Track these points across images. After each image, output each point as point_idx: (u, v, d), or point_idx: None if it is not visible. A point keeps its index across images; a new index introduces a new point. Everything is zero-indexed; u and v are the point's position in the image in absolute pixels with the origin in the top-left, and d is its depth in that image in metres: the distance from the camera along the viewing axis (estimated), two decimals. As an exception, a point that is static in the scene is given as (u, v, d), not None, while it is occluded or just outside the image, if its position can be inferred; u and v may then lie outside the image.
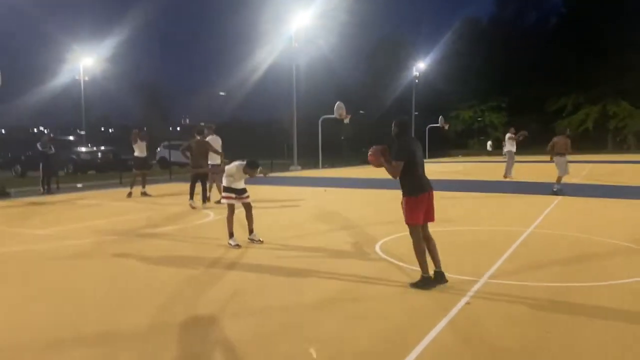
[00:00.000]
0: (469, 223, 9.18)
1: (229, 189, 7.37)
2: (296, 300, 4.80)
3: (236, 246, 7.17)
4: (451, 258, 6.27)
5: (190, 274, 5.79)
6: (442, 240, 7.51)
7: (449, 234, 8.06)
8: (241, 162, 7.34)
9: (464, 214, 10.45)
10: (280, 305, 4.68)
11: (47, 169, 15.40)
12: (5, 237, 8.47)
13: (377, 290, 5.11)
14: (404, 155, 4.99)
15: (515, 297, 4.80)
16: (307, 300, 4.82)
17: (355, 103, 37.66)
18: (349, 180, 20.50)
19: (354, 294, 5.03)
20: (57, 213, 11.40)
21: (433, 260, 5.18)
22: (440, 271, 5.14)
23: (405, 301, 4.76)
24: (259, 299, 4.89)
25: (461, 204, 12.10)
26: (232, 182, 7.37)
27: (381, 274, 5.64)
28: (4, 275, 5.99)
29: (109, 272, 6.00)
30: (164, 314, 4.46)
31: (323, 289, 5.14)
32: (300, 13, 28.79)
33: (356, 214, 10.59)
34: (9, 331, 4.13)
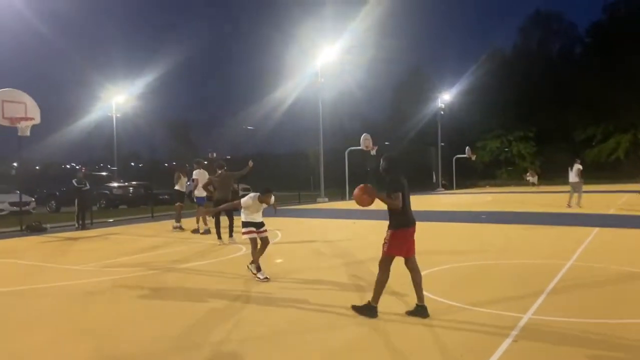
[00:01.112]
0: (507, 256, 8.99)
1: (249, 223, 7.46)
2: (324, 337, 4.73)
3: (265, 279, 7.19)
4: (493, 292, 6.16)
5: (221, 309, 5.78)
6: (481, 274, 7.43)
7: (488, 267, 7.92)
8: (255, 193, 7.47)
9: (501, 246, 10.25)
10: (317, 344, 4.61)
11: (82, 204, 15.73)
12: (42, 272, 8.61)
13: (416, 328, 5.00)
14: (399, 187, 5.09)
15: (563, 334, 4.65)
16: (338, 337, 4.74)
17: (380, 134, 37.74)
18: (377, 212, 20.36)
19: (390, 331, 4.92)
20: (92, 248, 11.58)
21: (417, 293, 5.24)
22: (423, 305, 5.19)
23: (448, 338, 4.64)
24: (297, 336, 4.83)
25: (496, 236, 11.90)
26: (249, 215, 7.44)
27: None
28: (39, 311, 6.06)
29: (140, 308, 6.03)
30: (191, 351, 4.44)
31: (356, 325, 5.05)
32: (326, 49, 29.28)
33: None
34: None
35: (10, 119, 13.30)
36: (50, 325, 5.42)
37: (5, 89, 13.54)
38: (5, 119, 13.25)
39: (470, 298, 5.91)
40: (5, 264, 9.53)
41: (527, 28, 64.15)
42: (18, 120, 13.40)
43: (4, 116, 13.22)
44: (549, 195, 21.90)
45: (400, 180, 5.18)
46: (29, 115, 13.64)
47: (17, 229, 15.10)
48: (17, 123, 13.44)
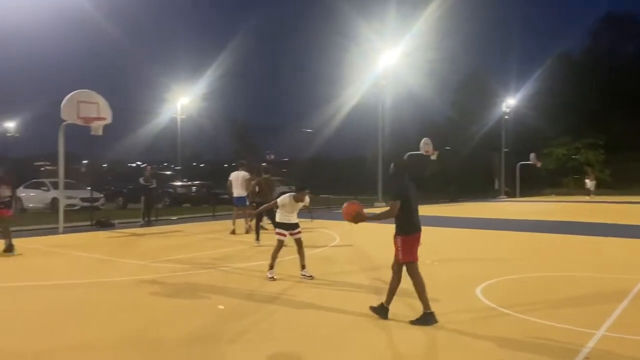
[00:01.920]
0: (575, 268, 8.58)
1: (282, 224, 7.56)
2: (376, 345, 4.65)
3: (271, 279, 7.35)
4: (562, 306, 5.89)
5: (273, 309, 5.80)
6: (549, 286, 7.10)
7: (556, 279, 7.59)
8: (291, 193, 7.56)
9: (569, 258, 9.81)
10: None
11: (148, 201, 16.31)
12: (109, 266, 8.99)
13: (482, 342, 4.83)
14: (401, 195, 5.11)
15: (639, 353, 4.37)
16: (395, 344, 4.65)
17: (441, 139, 37.01)
18: (436, 218, 19.98)
19: (451, 343, 4.78)
20: (156, 245, 11.98)
21: (388, 296, 5.28)
22: (430, 312, 5.15)
23: (515, 352, 4.46)
24: (350, 338, 4.78)
25: (563, 247, 11.40)
26: (284, 215, 7.53)
27: (484, 321, 5.36)
28: (105, 303, 6.30)
29: (193, 304, 6.15)
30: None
31: (414, 336, 4.94)
32: (388, 51, 29.06)
33: (449, 254, 10.25)
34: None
35: (84, 118, 13.96)
36: (115, 316, 5.62)
37: (80, 90, 14.24)
38: (79, 118, 13.92)
39: (538, 311, 5.67)
40: (78, 257, 10.02)
41: (598, 30, 61.14)
42: (91, 120, 14.05)
43: (79, 116, 13.90)
44: (618, 205, 20.70)
45: (403, 188, 5.19)
46: (101, 115, 14.27)
47: (87, 223, 15.84)
48: (91, 122, 14.10)
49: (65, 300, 6.43)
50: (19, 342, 4.77)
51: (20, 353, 4.48)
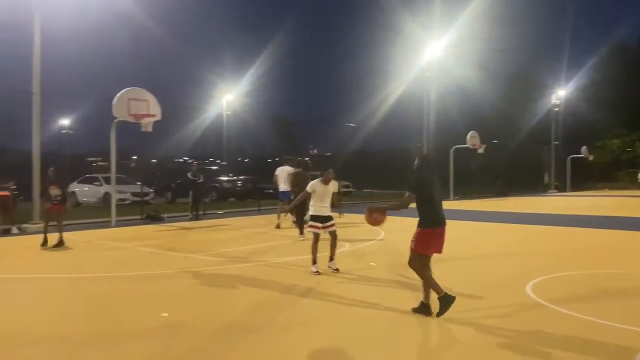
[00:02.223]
0: (628, 266, 8.25)
1: (315, 217, 7.58)
2: (420, 341, 4.59)
3: (316, 273, 7.38)
4: (619, 306, 5.68)
5: (321, 305, 5.82)
6: (604, 284, 6.85)
7: (611, 277, 7.31)
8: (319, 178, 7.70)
9: (625, 255, 9.43)
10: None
11: (196, 196, 16.68)
12: (160, 259, 9.25)
13: (530, 339, 4.71)
14: (417, 189, 5.12)
15: None
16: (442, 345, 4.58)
17: (489, 132, 36.17)
18: (485, 213, 19.58)
19: (500, 340, 4.68)
20: (204, 238, 12.23)
21: (425, 291, 5.25)
22: (427, 304, 5.21)
23: (568, 353, 4.33)
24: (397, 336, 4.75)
25: (613, 245, 10.97)
26: (317, 207, 7.57)
27: (534, 318, 5.23)
28: (156, 293, 6.49)
29: (240, 297, 6.25)
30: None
31: (459, 332, 4.86)
32: (433, 43, 28.59)
33: (496, 250, 10.04)
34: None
35: (135, 115, 14.39)
36: (165, 306, 5.79)
37: (131, 87, 14.68)
38: (130, 115, 14.37)
39: (590, 309, 5.48)
40: (130, 250, 10.36)
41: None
42: (141, 117, 14.47)
43: (130, 113, 14.34)
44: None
45: (424, 181, 5.20)
46: (151, 112, 14.68)
47: (138, 217, 16.35)
48: (141, 119, 14.52)
49: (121, 290, 6.67)
50: (81, 327, 4.97)
51: (83, 337, 4.67)
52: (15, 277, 7.65)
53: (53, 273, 7.93)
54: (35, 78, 14.32)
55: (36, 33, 14.25)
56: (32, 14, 14.27)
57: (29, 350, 4.43)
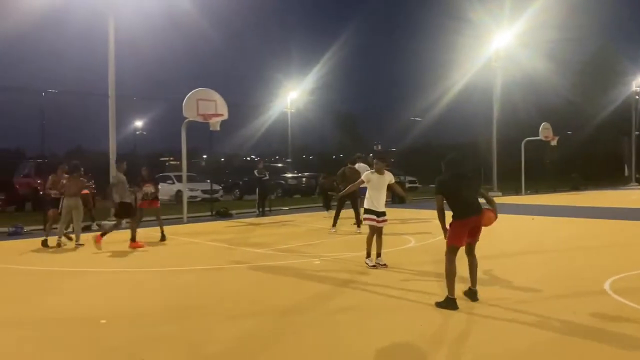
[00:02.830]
0: None
1: (371, 211, 7.53)
2: (507, 348, 4.41)
3: (373, 267, 7.41)
4: None
5: (393, 306, 5.75)
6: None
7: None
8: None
9: None
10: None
11: (262, 193, 17.01)
12: (227, 253, 9.50)
13: (610, 340, 4.44)
14: (441, 190, 5.58)
15: None
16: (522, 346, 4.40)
17: (562, 123, 34.51)
18: (559, 207, 18.72)
19: (577, 340, 4.44)
20: (270, 234, 12.44)
21: (471, 278, 5.61)
22: (474, 290, 5.60)
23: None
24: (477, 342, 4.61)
25: None
26: (372, 202, 7.51)
27: (614, 317, 4.93)
28: (217, 286, 6.66)
29: (306, 292, 6.28)
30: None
31: (534, 334, 4.64)
32: (501, 32, 27.62)
33: (572, 244, 9.57)
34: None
35: (204, 115, 14.84)
36: (232, 300, 5.93)
37: (199, 88, 15.15)
38: (199, 115, 14.83)
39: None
40: (200, 245, 10.71)
41: None
42: (210, 117, 14.90)
43: (199, 113, 14.81)
44: None
45: (444, 183, 5.59)
46: (218, 111, 15.09)
47: (208, 214, 16.87)
48: (209, 119, 14.95)
49: (201, 282, 6.92)
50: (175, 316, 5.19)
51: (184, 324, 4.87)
52: (105, 270, 8.08)
53: (138, 267, 8.28)
54: (110, 82, 15.07)
55: (110, 39, 14.99)
56: (107, 20, 15.01)
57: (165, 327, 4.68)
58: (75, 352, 4.40)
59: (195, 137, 24.51)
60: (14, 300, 6.27)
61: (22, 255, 9.61)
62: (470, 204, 5.50)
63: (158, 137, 50.90)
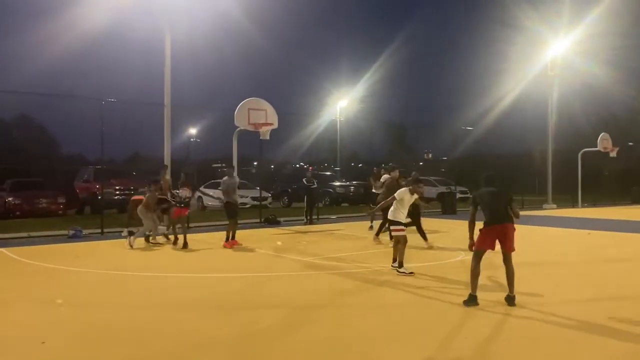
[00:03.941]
0: None
1: (397, 222, 8.06)
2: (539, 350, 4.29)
3: (410, 274, 7.74)
4: None
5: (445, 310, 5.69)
6: None
7: None
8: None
9: None
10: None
11: (310, 201, 17.13)
12: (271, 261, 9.67)
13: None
14: (474, 203, 6.37)
15: None
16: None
17: (622, 133, 33.08)
18: (618, 222, 17.92)
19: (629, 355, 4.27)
20: (317, 242, 12.51)
21: (508, 285, 6.05)
22: (512, 295, 6.02)
23: None
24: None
25: None
26: (398, 213, 8.04)
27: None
28: (261, 296, 6.76)
29: (351, 302, 6.28)
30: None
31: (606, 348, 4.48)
32: (558, 40, 26.82)
33: (635, 263, 9.14)
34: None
35: (254, 124, 15.14)
36: (280, 308, 6.01)
37: (250, 98, 15.48)
38: (250, 124, 15.14)
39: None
40: (248, 252, 10.90)
41: None
42: (260, 126, 15.18)
43: (249, 122, 15.12)
44: None
45: (477, 197, 6.34)
46: (268, 120, 15.36)
47: (257, 220, 17.15)
48: (259, 128, 15.23)
49: (244, 288, 7.06)
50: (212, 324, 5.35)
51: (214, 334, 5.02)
52: (161, 275, 8.39)
53: (182, 272, 8.57)
54: (167, 91, 15.63)
55: (167, 52, 15.56)
56: (164, 35, 15.61)
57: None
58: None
59: (247, 144, 24.95)
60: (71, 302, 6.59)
61: (78, 257, 10.08)
62: (495, 215, 6.09)
63: (212, 144, 52.11)
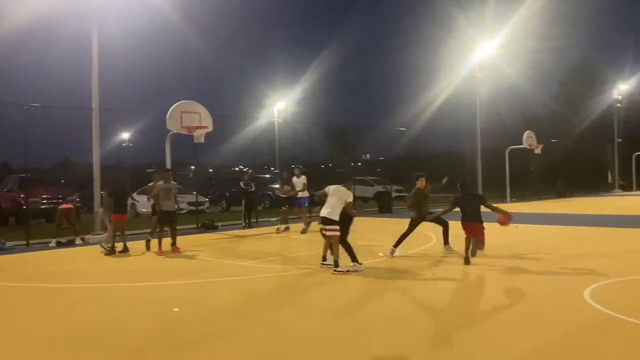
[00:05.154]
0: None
1: (333, 221, 8.16)
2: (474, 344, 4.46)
3: (347, 272, 7.95)
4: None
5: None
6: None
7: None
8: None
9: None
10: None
11: (248, 204, 16.97)
12: (211, 267, 9.47)
13: (590, 348, 4.51)
14: (454, 202, 8.91)
15: None
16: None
17: (545, 131, 34.91)
18: (543, 215, 18.91)
19: (557, 348, 4.50)
20: (256, 246, 12.42)
21: (471, 252, 8.65)
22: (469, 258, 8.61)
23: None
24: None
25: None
26: (334, 212, 8.15)
27: (593, 326, 5.00)
28: (204, 302, 6.63)
29: (298, 304, 6.29)
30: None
31: (528, 343, 4.70)
32: (484, 42, 27.96)
33: (555, 253, 9.65)
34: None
35: (188, 127, 14.82)
36: (223, 316, 5.91)
37: (183, 101, 15.14)
38: (183, 127, 14.81)
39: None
40: (184, 258, 10.64)
41: None
42: (194, 129, 14.88)
43: (183, 125, 14.78)
44: None
45: (457, 199, 8.84)
46: (203, 123, 15.08)
47: (193, 226, 16.80)
48: (193, 131, 14.92)
49: (178, 296, 6.87)
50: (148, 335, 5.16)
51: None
52: (95, 286, 8.02)
53: (118, 282, 8.24)
54: (94, 95, 14.99)
55: (94, 52, 14.94)
56: (90, 33, 14.97)
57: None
58: None
59: (182, 148, 24.40)
60: None
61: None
62: (470, 214, 8.58)
63: (144, 149, 50.55)
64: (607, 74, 47.72)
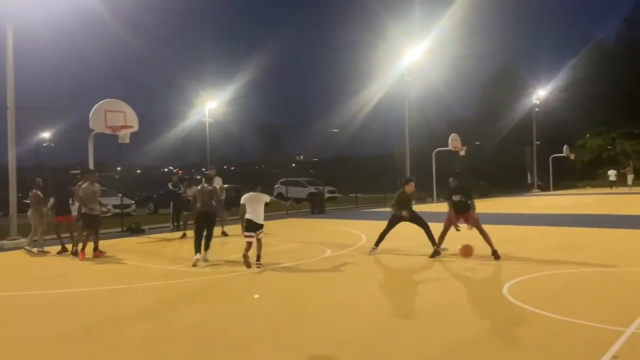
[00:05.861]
0: (607, 263, 8.30)
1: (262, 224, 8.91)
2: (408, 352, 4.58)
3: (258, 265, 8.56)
4: (591, 303, 5.72)
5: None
6: (578, 283, 6.91)
7: (586, 275, 7.35)
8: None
9: (600, 253, 9.50)
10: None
11: (177, 206, 16.49)
12: (139, 272, 9.13)
13: (507, 341, 4.72)
14: (446, 196, 9.84)
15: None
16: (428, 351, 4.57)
17: (469, 134, 36.47)
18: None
19: (475, 343, 4.69)
20: (185, 249, 12.10)
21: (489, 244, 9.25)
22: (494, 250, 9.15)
23: (541, 352, 4.33)
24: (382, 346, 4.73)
25: (595, 242, 11.06)
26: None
27: (511, 321, 5.24)
28: (136, 308, 6.39)
29: (232, 307, 6.19)
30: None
31: (447, 336, 4.85)
32: (412, 47, 28.78)
33: (476, 251, 10.05)
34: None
35: (112, 127, 14.25)
36: (144, 322, 5.70)
37: (107, 99, 14.54)
38: (107, 127, 14.22)
39: (567, 309, 5.51)
40: (108, 264, 10.20)
41: (633, 18, 59.10)
42: (118, 129, 14.32)
43: (107, 125, 14.19)
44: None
45: (449, 194, 9.74)
46: (128, 123, 14.55)
47: (119, 230, 16.16)
48: (118, 131, 14.37)
49: (99, 305, 6.57)
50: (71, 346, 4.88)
51: None
52: (18, 294, 7.50)
53: (37, 290, 7.78)
54: (10, 92, 14.11)
55: (9, 47, 14.06)
56: (4, 27, 14.08)
57: None
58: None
59: (108, 148, 23.44)
60: None
61: None
62: (458, 207, 9.49)
63: (67, 149, 48.18)
64: (527, 80, 50.51)
